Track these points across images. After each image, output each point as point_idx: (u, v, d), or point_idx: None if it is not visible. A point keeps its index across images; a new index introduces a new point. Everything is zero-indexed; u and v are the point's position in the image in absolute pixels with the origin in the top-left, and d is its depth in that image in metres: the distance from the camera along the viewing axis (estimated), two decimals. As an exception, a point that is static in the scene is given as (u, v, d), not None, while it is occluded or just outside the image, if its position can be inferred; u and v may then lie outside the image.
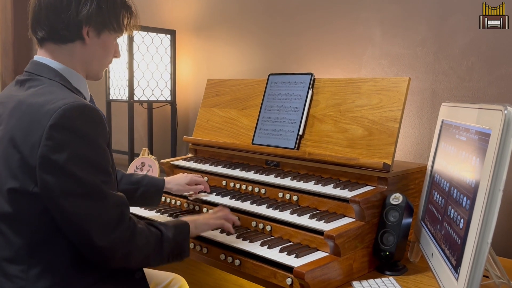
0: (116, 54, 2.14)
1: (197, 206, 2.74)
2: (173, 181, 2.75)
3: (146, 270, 2.43)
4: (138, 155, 3.93)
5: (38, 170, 1.73)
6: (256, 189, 2.68)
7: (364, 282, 2.08)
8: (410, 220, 2.26)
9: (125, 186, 2.55)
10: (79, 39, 1.97)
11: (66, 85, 1.94)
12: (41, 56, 1.99)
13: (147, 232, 1.96)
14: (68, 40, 1.97)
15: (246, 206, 2.53)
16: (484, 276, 1.61)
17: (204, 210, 2.68)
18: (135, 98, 4.07)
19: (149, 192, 2.62)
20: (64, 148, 1.72)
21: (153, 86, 4.15)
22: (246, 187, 2.73)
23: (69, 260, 1.85)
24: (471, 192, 1.62)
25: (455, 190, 1.82)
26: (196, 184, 2.78)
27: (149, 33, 4.12)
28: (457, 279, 1.62)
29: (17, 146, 1.77)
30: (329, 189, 2.40)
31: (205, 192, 2.79)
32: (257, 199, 2.58)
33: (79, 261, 1.87)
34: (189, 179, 2.77)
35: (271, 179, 2.63)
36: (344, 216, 2.33)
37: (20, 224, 1.82)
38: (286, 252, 2.17)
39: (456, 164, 1.89)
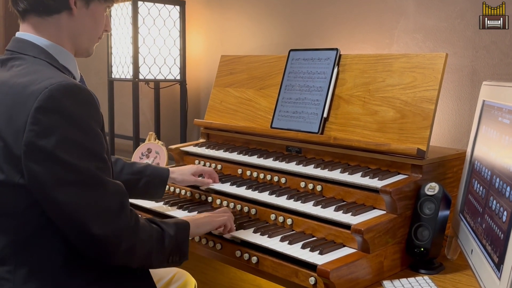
0: (107, 28, 2.14)
1: (210, 197, 2.76)
2: (178, 171, 2.76)
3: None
4: (143, 140, 3.95)
5: (24, 159, 1.71)
6: (276, 178, 2.69)
7: (396, 282, 2.09)
8: (447, 212, 2.26)
9: (126, 177, 2.55)
10: (66, 10, 1.95)
11: (52, 63, 1.92)
12: (24, 32, 1.97)
13: (148, 227, 1.95)
14: (54, 11, 1.94)
15: (265, 197, 2.54)
16: (530, 275, 1.61)
17: (218, 201, 2.69)
18: (141, 77, 4.09)
19: (153, 182, 2.63)
20: (52, 132, 1.70)
21: (160, 64, 4.17)
22: (264, 176, 2.75)
23: (61, 258, 1.84)
24: (516, 181, 1.63)
25: (498, 179, 1.82)
26: (202, 175, 2.81)
27: (156, 4, 4.13)
28: (499, 278, 1.63)
29: None
30: (356, 178, 2.41)
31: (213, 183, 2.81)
32: (277, 189, 2.59)
33: (72, 259, 1.85)
34: (195, 168, 2.79)
35: (292, 167, 2.65)
36: (374, 208, 2.34)
37: (5, 220, 1.82)
38: (309, 248, 2.18)
39: (498, 150, 1.89)
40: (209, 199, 2.76)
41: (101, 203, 1.78)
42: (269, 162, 2.75)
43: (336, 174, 2.48)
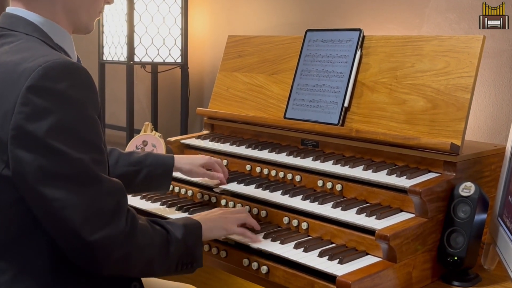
0: None
1: (213, 197, 2.75)
2: (185, 159, 2.72)
3: (149, 279, 2.42)
4: (139, 131, 3.95)
5: (11, 145, 1.70)
6: (289, 176, 2.69)
7: (426, 295, 2.09)
8: (484, 216, 2.26)
9: (123, 169, 2.54)
10: None
11: (47, 42, 1.92)
12: (15, 8, 1.97)
13: (150, 230, 1.93)
14: None
15: (277, 197, 2.54)
16: None
17: (223, 202, 2.69)
18: (136, 59, 4.09)
19: (155, 173, 2.60)
20: (44, 116, 1.69)
21: (158, 44, 4.17)
22: (277, 173, 2.74)
23: (49, 263, 1.84)
24: None
25: (544, 180, 1.81)
26: (210, 170, 2.77)
27: (154, -23, 4.13)
28: (545, 293, 1.62)
29: None
30: (382, 176, 2.40)
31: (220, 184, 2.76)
32: (290, 189, 2.58)
33: (61, 264, 1.85)
34: (206, 160, 2.74)
35: (308, 163, 2.64)
36: (401, 210, 2.33)
37: None
38: (327, 257, 2.17)
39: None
40: (213, 199, 2.75)
41: (93, 203, 1.76)
42: (282, 158, 2.75)
43: (358, 172, 2.47)
